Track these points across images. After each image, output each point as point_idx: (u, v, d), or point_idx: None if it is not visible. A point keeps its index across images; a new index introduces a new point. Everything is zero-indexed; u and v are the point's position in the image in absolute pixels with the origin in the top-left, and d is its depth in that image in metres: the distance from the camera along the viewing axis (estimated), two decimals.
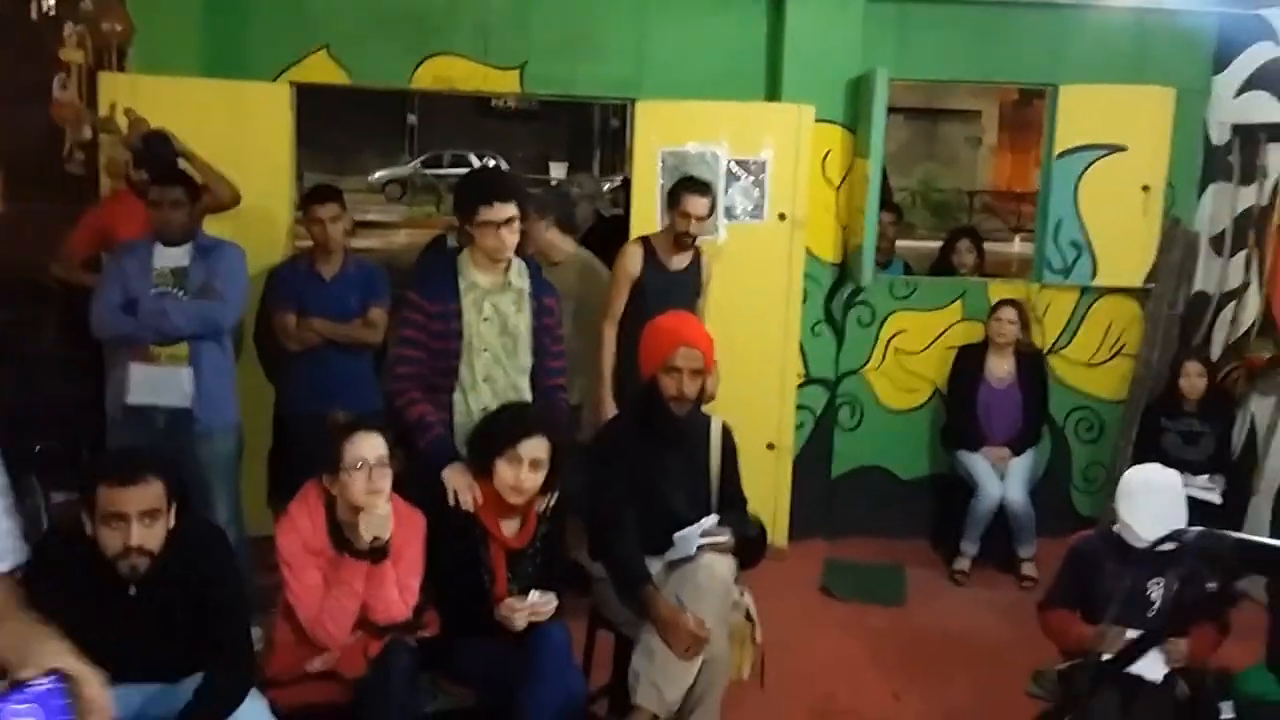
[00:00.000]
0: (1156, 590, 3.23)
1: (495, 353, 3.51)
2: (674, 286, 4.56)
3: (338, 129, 20.76)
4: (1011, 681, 3.79)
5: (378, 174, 27.48)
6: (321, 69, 5.15)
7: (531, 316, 3.54)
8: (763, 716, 3.75)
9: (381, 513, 2.99)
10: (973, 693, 4.05)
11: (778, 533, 5.30)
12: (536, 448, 3.21)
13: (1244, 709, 3.07)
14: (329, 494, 3.04)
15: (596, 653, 3.72)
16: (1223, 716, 3.09)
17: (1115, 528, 3.34)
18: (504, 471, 3.20)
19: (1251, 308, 5.18)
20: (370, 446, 3.03)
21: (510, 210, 3.39)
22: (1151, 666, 3.11)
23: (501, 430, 3.25)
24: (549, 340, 3.60)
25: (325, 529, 3.04)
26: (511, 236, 3.43)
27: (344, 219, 4.53)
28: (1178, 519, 3.17)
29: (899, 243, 6.56)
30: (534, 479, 3.22)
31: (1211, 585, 1.03)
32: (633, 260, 4.62)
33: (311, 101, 5.38)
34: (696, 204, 4.50)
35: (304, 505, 3.06)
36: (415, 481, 3.34)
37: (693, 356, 3.47)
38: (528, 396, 3.54)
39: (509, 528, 3.31)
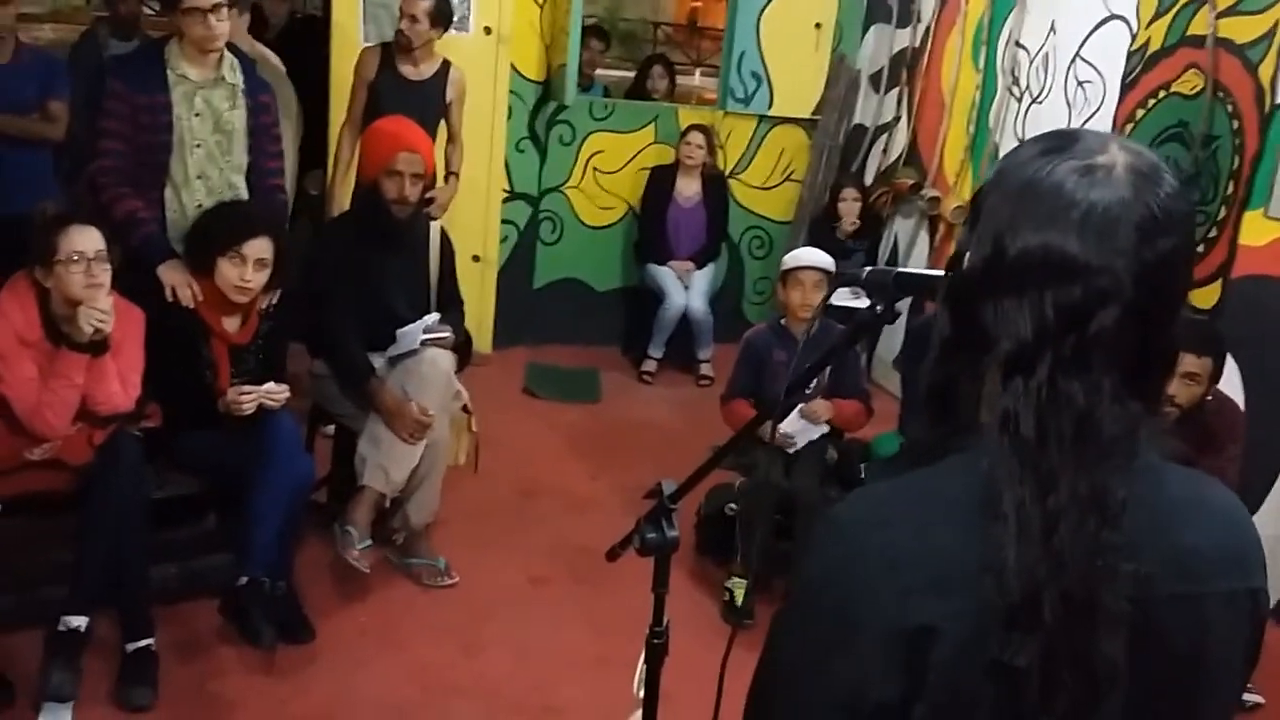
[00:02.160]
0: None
1: (209, 149, 3.46)
2: (412, 96, 4.46)
3: None
4: (689, 462, 4.30)
5: None
6: None
7: (247, 114, 3.50)
8: (477, 495, 4.08)
9: (103, 307, 2.95)
10: (656, 472, 4.51)
11: (482, 340, 5.57)
12: (261, 247, 3.25)
13: (873, 468, 3.73)
14: (41, 286, 2.97)
15: (316, 448, 3.89)
16: (863, 475, 3.73)
17: (782, 320, 3.85)
18: (227, 270, 3.23)
19: (900, 139, 5.88)
20: (87, 240, 2.96)
21: None
22: (805, 433, 3.68)
23: (224, 229, 3.25)
24: (266, 139, 3.58)
25: (39, 321, 2.97)
26: (221, 25, 3.33)
27: (14, 3, 4.18)
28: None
29: (602, 70, 6.78)
30: (259, 278, 3.27)
31: (878, 306, 1.34)
32: (367, 65, 4.53)
33: None
34: (413, 3, 4.40)
35: (14, 297, 2.97)
36: (127, 277, 3.30)
37: (413, 161, 3.59)
38: (243, 194, 3.53)
39: (230, 324, 3.36)
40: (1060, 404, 0.90)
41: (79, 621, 2.87)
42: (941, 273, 1.08)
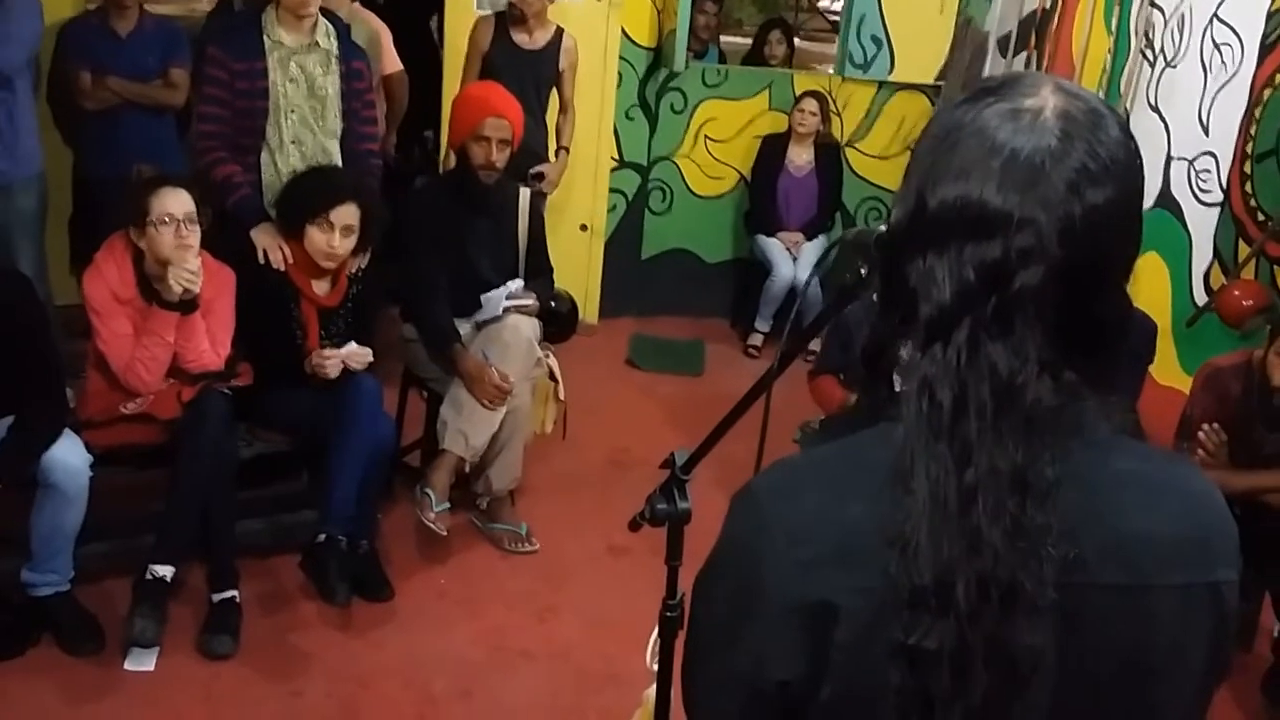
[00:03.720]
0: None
1: (303, 114, 3.53)
2: (525, 66, 4.48)
3: None
4: (785, 435, 4.22)
5: None
6: None
7: (340, 80, 3.55)
8: (563, 463, 4.08)
9: (191, 267, 3.04)
10: (752, 447, 4.48)
11: (589, 310, 5.57)
12: (348, 214, 3.30)
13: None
14: (135, 247, 3.08)
15: (409, 411, 3.96)
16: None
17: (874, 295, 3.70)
18: (316, 237, 3.29)
19: None
20: (178, 202, 3.06)
21: None
22: None
23: (313, 196, 3.31)
24: (359, 104, 3.63)
25: (134, 280, 3.08)
26: None
27: None
28: None
29: (725, 37, 6.65)
30: (346, 245, 3.32)
31: (862, 270, 1.27)
32: (482, 35, 4.54)
33: None
34: None
35: (110, 256, 3.09)
36: (223, 239, 3.40)
37: (500, 126, 3.58)
38: (338, 160, 3.59)
39: (320, 287, 3.42)
40: (980, 370, 0.82)
41: (165, 570, 2.97)
42: None
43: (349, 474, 3.17)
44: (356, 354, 3.27)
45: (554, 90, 4.71)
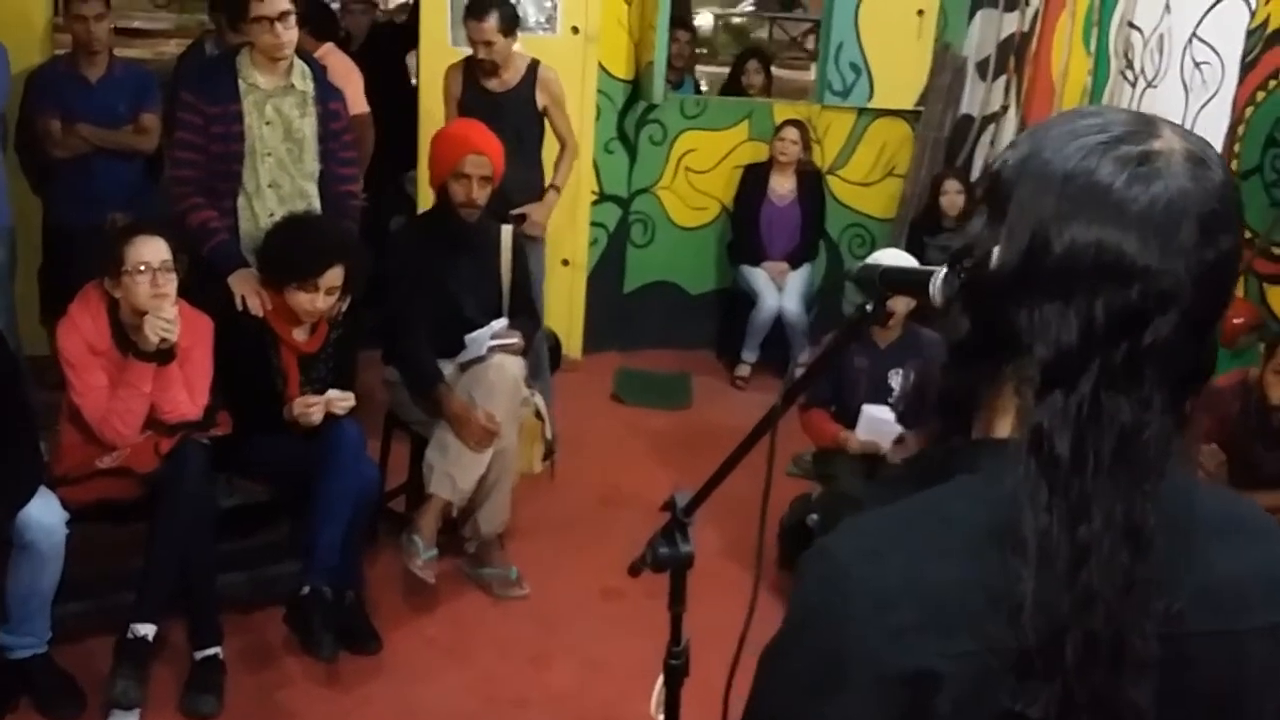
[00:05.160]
0: (895, 378, 3.59)
1: (280, 157, 3.47)
2: (499, 108, 4.30)
3: None
4: (777, 469, 4.16)
5: None
6: None
7: (317, 121, 3.50)
8: (553, 504, 4.01)
9: (167, 316, 2.97)
10: (745, 479, 4.41)
11: (572, 345, 5.51)
12: (334, 276, 3.22)
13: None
14: (110, 297, 3.01)
15: (393, 455, 3.88)
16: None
17: None
18: (300, 299, 3.21)
19: (1009, 129, 5.58)
20: (153, 250, 2.99)
21: (283, 4, 3.29)
22: (881, 435, 3.48)
23: (299, 262, 3.19)
24: (336, 145, 3.57)
25: (109, 331, 3.01)
26: (288, 32, 3.34)
27: (108, 18, 4.29)
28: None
29: (702, 68, 6.65)
30: (329, 302, 3.25)
31: (867, 305, 1.24)
32: (453, 82, 4.43)
33: None
34: (476, 29, 4.20)
35: (85, 307, 3.01)
36: (200, 286, 3.33)
37: (481, 163, 3.54)
38: (316, 203, 3.53)
39: (300, 334, 3.35)
40: (1103, 422, 0.79)
41: (146, 629, 2.89)
42: (934, 268, 0.96)
43: (333, 523, 3.09)
44: (338, 400, 3.20)
45: (544, 129, 4.58)
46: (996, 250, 0.85)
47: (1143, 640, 0.77)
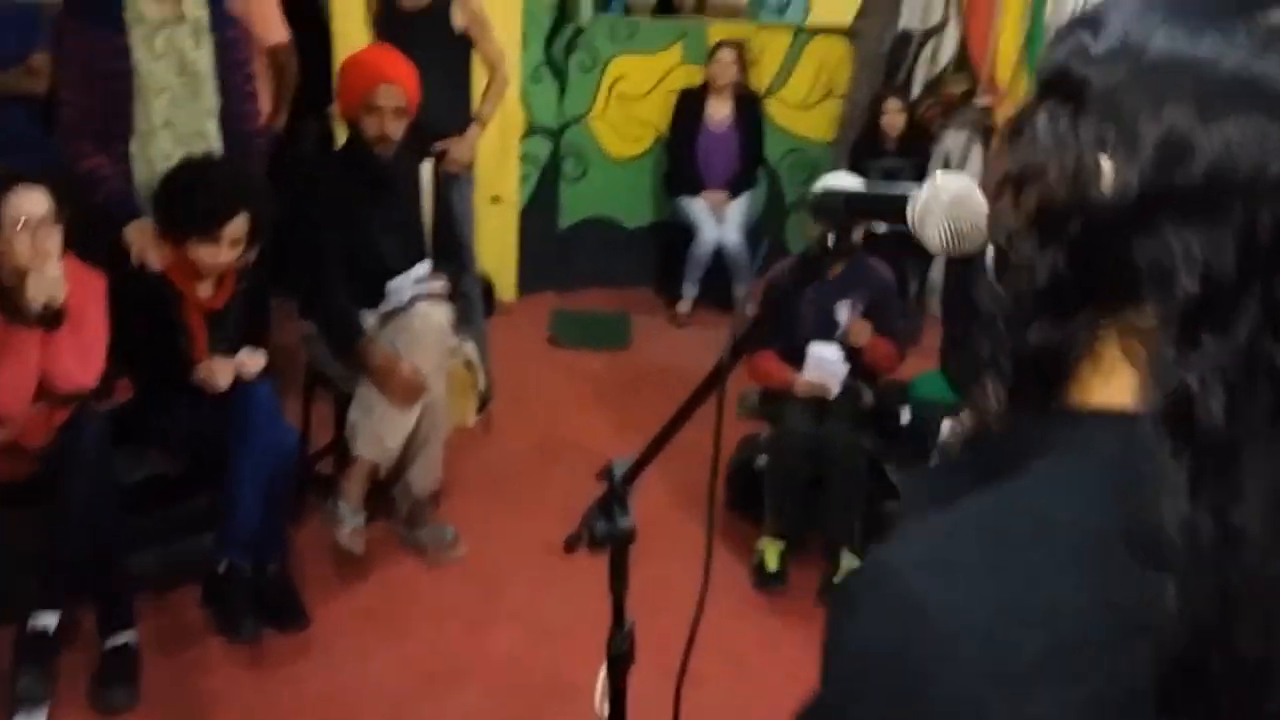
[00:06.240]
0: (844, 310, 3.42)
1: (175, 94, 3.15)
2: (413, 29, 3.99)
3: None
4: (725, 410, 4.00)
5: None
6: None
7: (214, 52, 3.19)
8: (488, 456, 3.82)
9: (52, 275, 2.68)
10: (690, 423, 4.26)
11: (505, 287, 5.29)
12: (237, 227, 2.95)
13: (919, 411, 3.36)
14: None
15: (317, 413, 3.64)
16: (902, 420, 3.38)
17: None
18: (201, 252, 2.94)
19: (949, 44, 5.39)
20: (32, 202, 2.69)
21: None
22: (828, 375, 3.32)
23: (198, 213, 2.91)
24: (239, 78, 3.26)
25: None
26: None
27: None
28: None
29: None
30: (233, 254, 2.98)
31: (830, 239, 1.06)
32: (370, 2, 4.13)
33: None
34: None
35: None
36: (93, 240, 3.04)
37: (393, 94, 3.26)
38: (216, 142, 3.22)
39: (204, 289, 3.08)
40: (1259, 375, 0.61)
41: (49, 619, 2.67)
42: (909, 189, 0.85)
43: (250, 492, 2.87)
44: (246, 362, 2.95)
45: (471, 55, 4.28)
46: (1108, 170, 0.66)
47: None
